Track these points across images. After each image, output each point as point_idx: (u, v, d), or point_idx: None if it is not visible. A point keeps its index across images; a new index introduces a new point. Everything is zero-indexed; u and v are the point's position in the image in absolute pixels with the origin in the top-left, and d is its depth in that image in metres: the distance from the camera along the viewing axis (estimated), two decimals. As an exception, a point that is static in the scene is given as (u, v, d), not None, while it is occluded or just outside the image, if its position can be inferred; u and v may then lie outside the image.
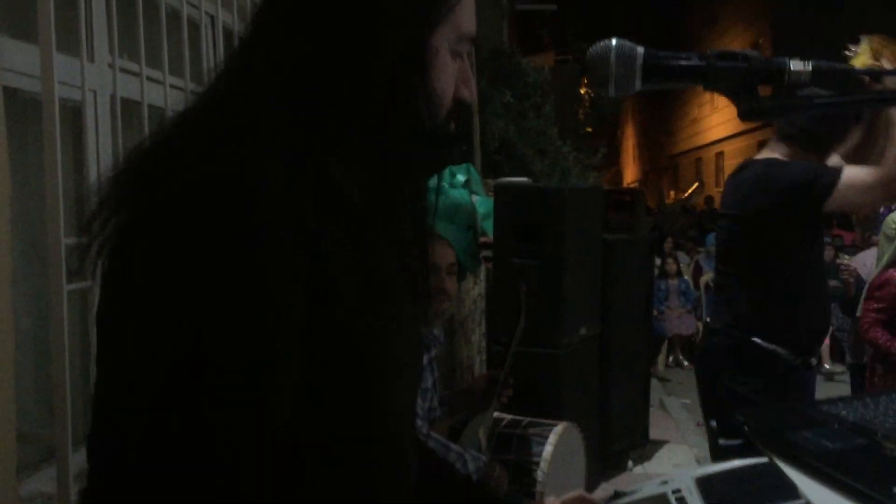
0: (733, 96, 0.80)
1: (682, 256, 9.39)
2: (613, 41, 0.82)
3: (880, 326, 3.41)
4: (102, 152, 1.98)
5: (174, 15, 2.36)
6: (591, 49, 0.82)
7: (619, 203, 4.79)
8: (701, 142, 23.83)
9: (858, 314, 3.76)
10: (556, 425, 2.98)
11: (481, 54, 6.89)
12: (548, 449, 2.81)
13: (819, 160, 2.32)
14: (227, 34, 2.74)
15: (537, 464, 2.70)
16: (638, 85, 0.82)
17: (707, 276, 8.09)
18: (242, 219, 0.62)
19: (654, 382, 6.65)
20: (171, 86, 2.26)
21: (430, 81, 0.77)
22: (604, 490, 3.54)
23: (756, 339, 2.28)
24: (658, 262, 8.52)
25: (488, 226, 3.79)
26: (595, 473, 3.94)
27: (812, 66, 0.79)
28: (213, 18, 2.61)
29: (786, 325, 2.30)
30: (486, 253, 4.04)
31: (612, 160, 36.09)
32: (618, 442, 4.43)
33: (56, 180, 1.61)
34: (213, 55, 2.64)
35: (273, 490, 0.64)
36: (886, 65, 2.06)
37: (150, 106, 2.15)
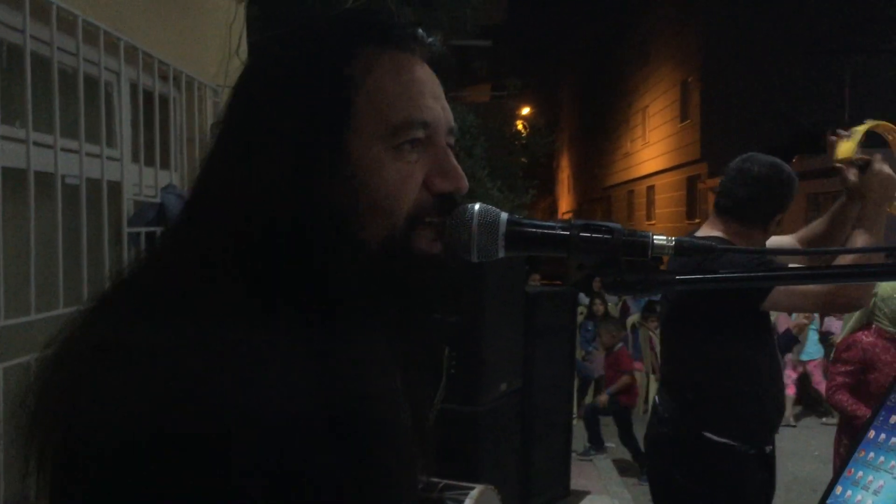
0: (597, 268, 0.77)
1: (610, 297, 9.48)
2: (476, 206, 0.78)
3: (847, 391, 3.25)
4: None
5: (74, 75, 2.25)
6: (452, 214, 0.78)
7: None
8: (633, 175, 24.38)
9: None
10: (472, 488, 2.93)
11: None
12: (463, 515, 2.76)
13: (763, 234, 2.20)
14: (134, 91, 2.63)
15: (452, 531, 2.65)
16: (501, 253, 0.78)
17: (634, 318, 8.17)
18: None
19: (579, 426, 6.68)
20: (63, 149, 2.15)
21: (361, 191, 0.70)
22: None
23: (707, 434, 2.13)
24: (587, 301, 8.59)
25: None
26: (514, 531, 3.89)
27: (675, 242, 0.76)
28: (117, 76, 2.50)
29: (737, 415, 2.15)
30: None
31: (548, 189, 36.64)
32: (538, 496, 4.39)
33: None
34: (119, 115, 2.54)
35: None
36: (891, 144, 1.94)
37: (37, 173, 2.04)
